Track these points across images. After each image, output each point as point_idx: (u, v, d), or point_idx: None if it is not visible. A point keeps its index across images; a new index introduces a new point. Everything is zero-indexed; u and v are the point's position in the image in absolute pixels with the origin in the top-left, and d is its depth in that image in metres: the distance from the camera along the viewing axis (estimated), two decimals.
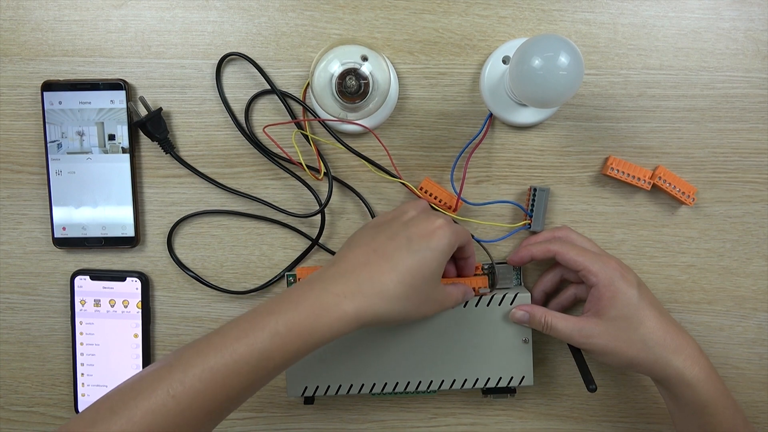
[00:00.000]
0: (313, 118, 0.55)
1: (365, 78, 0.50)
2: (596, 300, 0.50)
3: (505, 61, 0.53)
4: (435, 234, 0.45)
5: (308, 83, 0.53)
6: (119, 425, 0.37)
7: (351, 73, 0.50)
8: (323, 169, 0.54)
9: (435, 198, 0.55)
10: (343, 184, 0.56)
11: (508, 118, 0.54)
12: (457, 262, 0.53)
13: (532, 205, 0.55)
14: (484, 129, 0.54)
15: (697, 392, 0.47)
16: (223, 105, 0.55)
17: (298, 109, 0.55)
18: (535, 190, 0.54)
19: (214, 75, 0.54)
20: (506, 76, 0.51)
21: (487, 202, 0.56)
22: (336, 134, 0.54)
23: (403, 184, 0.55)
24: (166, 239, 0.56)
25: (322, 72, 0.50)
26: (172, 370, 0.39)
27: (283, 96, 0.54)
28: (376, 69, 0.50)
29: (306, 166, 0.54)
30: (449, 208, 0.54)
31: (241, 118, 0.55)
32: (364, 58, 0.50)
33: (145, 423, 0.37)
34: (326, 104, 0.51)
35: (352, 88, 0.50)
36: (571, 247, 0.51)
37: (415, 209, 0.49)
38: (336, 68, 0.50)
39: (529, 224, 0.55)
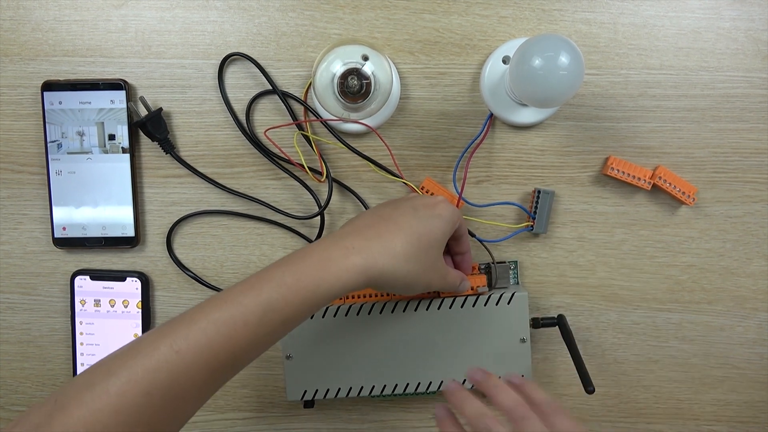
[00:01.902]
0: (314, 118, 0.54)
1: (367, 78, 0.50)
2: None
3: (505, 61, 0.53)
4: (438, 205, 0.47)
5: (310, 83, 0.53)
6: (118, 385, 0.35)
7: (353, 72, 0.50)
8: (325, 172, 0.54)
9: None
10: (344, 187, 0.56)
11: (508, 117, 0.54)
12: (454, 258, 0.53)
13: (536, 207, 0.55)
14: (485, 129, 0.54)
15: None
16: (224, 105, 0.55)
17: (299, 109, 0.55)
18: (539, 192, 0.54)
19: (216, 75, 0.55)
20: (506, 76, 0.51)
21: (491, 204, 0.56)
22: (338, 134, 0.54)
23: (405, 184, 0.55)
24: (165, 239, 0.56)
25: (324, 72, 0.50)
26: (174, 326, 0.37)
27: (285, 96, 0.54)
28: (378, 69, 0.50)
29: (308, 168, 0.54)
30: None
31: (242, 118, 0.55)
32: (365, 58, 0.50)
33: (146, 381, 0.35)
34: (328, 104, 0.51)
35: (354, 87, 0.50)
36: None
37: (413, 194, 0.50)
38: (338, 68, 0.50)
39: (532, 226, 0.55)
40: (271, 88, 0.54)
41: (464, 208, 0.56)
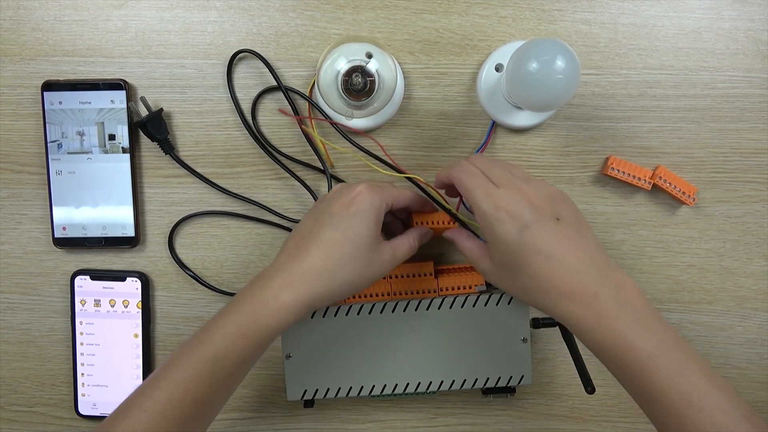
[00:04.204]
0: (320, 115, 0.54)
1: (371, 75, 0.50)
2: (486, 238, 0.46)
3: (498, 68, 0.53)
4: (354, 201, 0.46)
5: (314, 82, 0.53)
6: None
7: (357, 70, 0.49)
8: (331, 162, 0.54)
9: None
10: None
11: (506, 121, 0.54)
12: (412, 212, 0.52)
13: None
14: (488, 137, 0.54)
15: (586, 340, 0.42)
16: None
17: (302, 104, 0.55)
18: None
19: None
20: (503, 81, 0.51)
21: None
22: (347, 134, 0.54)
23: (408, 178, 0.54)
24: (166, 239, 0.56)
25: (329, 69, 0.50)
26: (143, 388, 0.43)
27: (289, 92, 0.54)
28: (382, 67, 0.50)
29: (309, 164, 0.54)
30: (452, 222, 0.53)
31: (246, 116, 0.55)
32: (369, 55, 0.50)
33: None
34: (332, 102, 0.51)
35: (359, 85, 0.49)
36: (469, 175, 0.46)
37: (340, 185, 0.49)
38: (342, 65, 0.50)
39: None
40: (275, 84, 0.54)
41: (465, 211, 0.55)
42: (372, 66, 0.50)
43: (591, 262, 0.43)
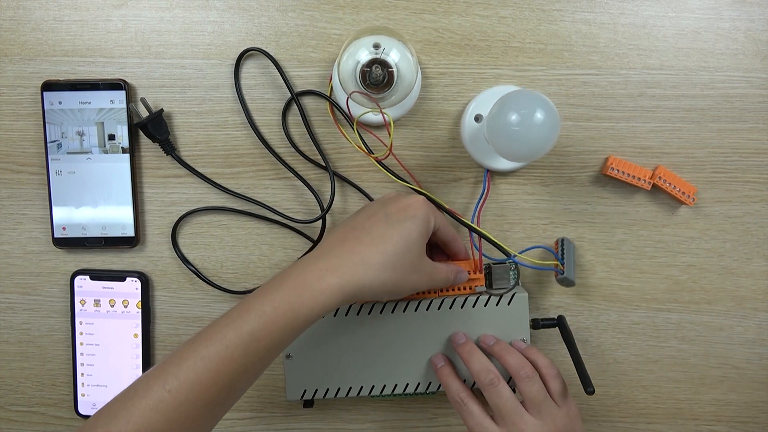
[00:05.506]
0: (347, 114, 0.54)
1: (390, 67, 0.49)
2: None
3: (477, 119, 0.54)
4: (411, 206, 0.46)
5: (332, 81, 0.53)
6: (118, 427, 0.37)
7: (377, 62, 0.49)
8: (390, 147, 0.52)
9: None
10: (351, 184, 0.56)
11: (493, 166, 0.54)
12: (445, 249, 0.52)
13: (562, 252, 0.55)
14: (487, 187, 0.54)
15: None
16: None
17: (310, 104, 0.55)
18: (563, 241, 0.55)
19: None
20: (484, 129, 0.51)
21: (525, 249, 0.56)
22: (361, 133, 0.54)
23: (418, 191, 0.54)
24: (169, 237, 0.56)
25: (349, 60, 0.49)
26: (166, 366, 0.40)
27: (305, 94, 0.54)
28: (401, 58, 0.49)
29: (312, 161, 0.54)
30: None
31: (243, 117, 0.55)
32: (376, 46, 0.49)
33: (144, 421, 0.37)
34: (352, 96, 0.50)
35: (379, 77, 0.49)
36: (469, 412, 0.50)
37: (393, 192, 0.50)
38: (364, 56, 0.49)
39: (563, 270, 0.54)
40: (299, 88, 0.54)
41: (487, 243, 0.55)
42: (393, 57, 0.49)
43: None
